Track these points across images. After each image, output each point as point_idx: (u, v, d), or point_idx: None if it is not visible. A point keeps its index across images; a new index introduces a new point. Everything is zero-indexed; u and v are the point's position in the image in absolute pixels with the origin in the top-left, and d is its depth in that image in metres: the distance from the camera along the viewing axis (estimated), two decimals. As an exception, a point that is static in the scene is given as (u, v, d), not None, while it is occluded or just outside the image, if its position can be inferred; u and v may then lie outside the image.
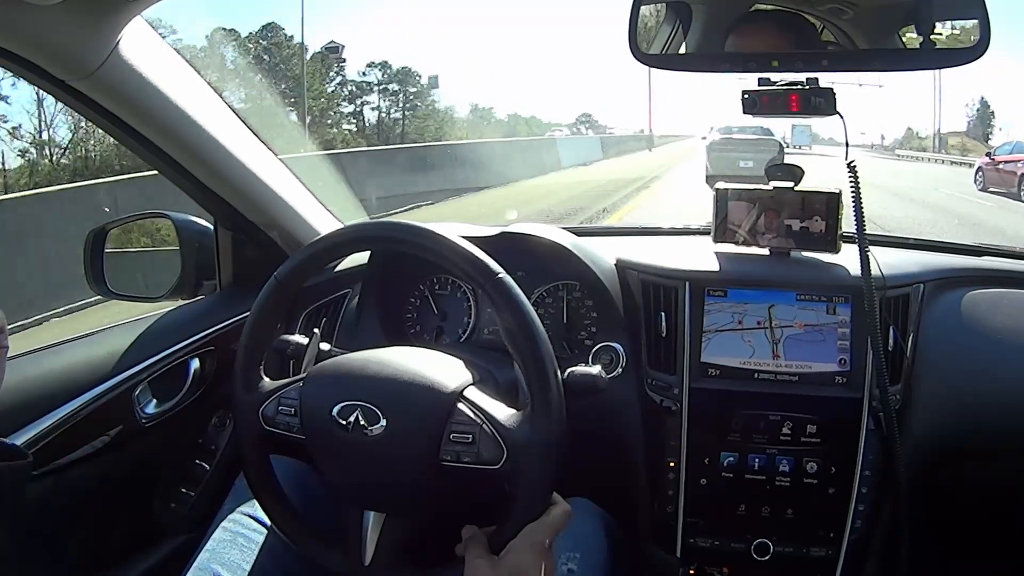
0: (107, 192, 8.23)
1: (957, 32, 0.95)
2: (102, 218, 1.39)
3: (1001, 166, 13.59)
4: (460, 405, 0.86)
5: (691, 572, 1.23)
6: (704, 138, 16.96)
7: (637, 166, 19.99)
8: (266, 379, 0.96)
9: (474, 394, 0.88)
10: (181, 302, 1.35)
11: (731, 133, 14.03)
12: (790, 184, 1.23)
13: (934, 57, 0.95)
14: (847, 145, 1.12)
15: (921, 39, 0.95)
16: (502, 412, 0.86)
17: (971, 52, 0.91)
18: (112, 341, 1.18)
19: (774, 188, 1.24)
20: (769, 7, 1.02)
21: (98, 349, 1.16)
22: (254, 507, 1.04)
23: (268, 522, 1.02)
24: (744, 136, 13.74)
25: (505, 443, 0.84)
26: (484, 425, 0.85)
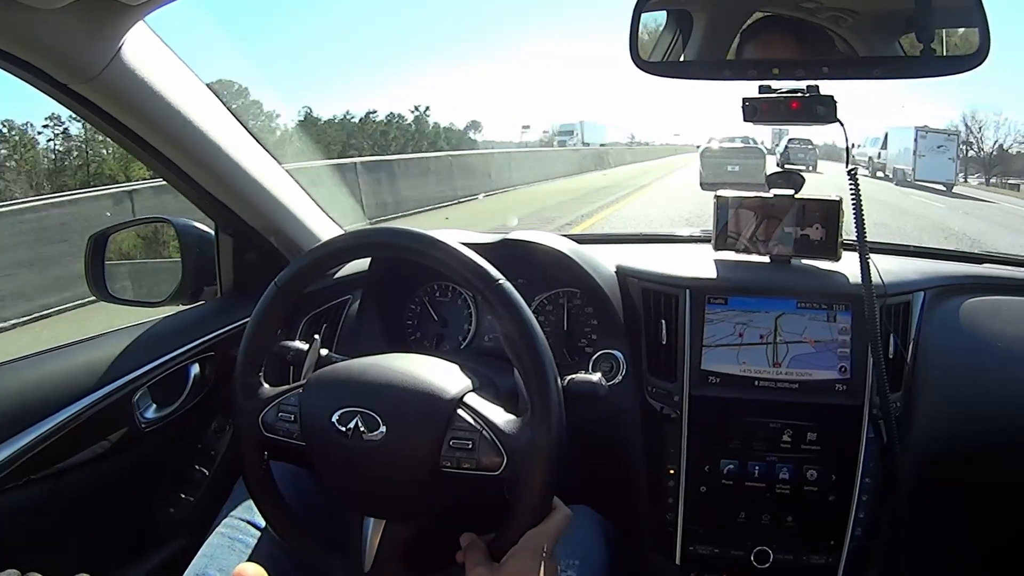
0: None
1: (957, 40, 0.96)
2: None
3: None
4: (460, 411, 0.86)
5: None
6: (698, 147, 18.80)
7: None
8: (266, 385, 0.96)
9: (474, 400, 0.88)
10: (182, 307, 1.35)
11: (720, 143, 16.76)
12: (790, 192, 1.23)
13: (935, 65, 0.95)
14: (848, 153, 1.12)
15: (921, 47, 0.96)
16: (502, 418, 0.86)
17: (972, 59, 0.92)
18: (112, 345, 1.18)
19: (774, 196, 1.24)
20: (770, 15, 1.02)
21: (98, 353, 1.15)
22: (252, 512, 1.04)
23: (265, 527, 1.02)
24: (731, 146, 16.48)
25: (505, 449, 0.84)
26: (484, 431, 0.85)
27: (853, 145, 1.16)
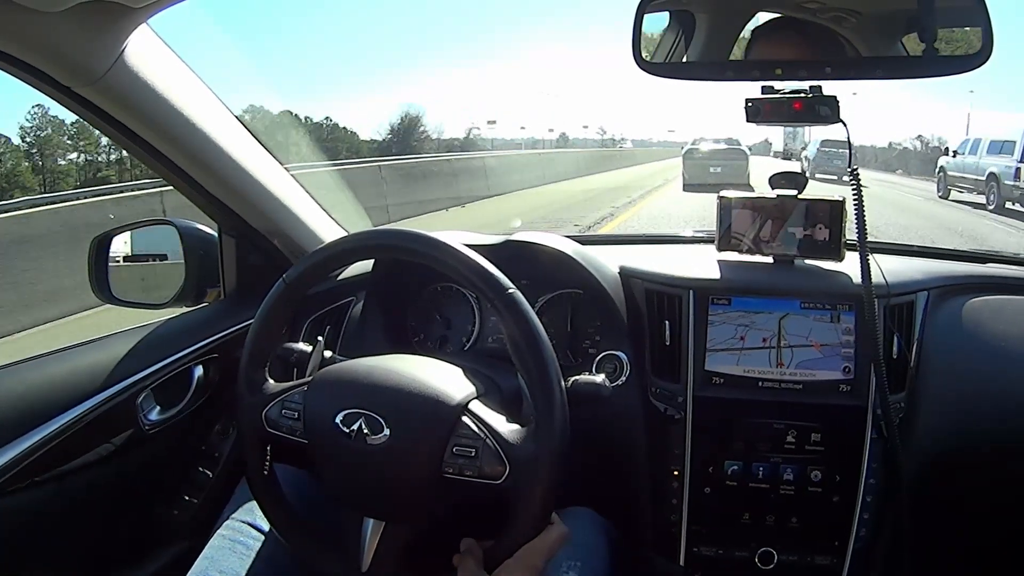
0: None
1: (960, 39, 0.95)
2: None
3: None
4: (464, 418, 0.86)
5: None
6: (682, 147, 18.53)
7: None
8: (271, 381, 0.96)
9: (479, 408, 0.88)
10: (185, 309, 1.35)
11: (703, 144, 16.69)
12: (793, 192, 1.23)
13: (937, 65, 0.95)
14: (850, 152, 1.12)
15: (924, 46, 0.95)
16: (506, 427, 0.86)
17: (974, 59, 0.92)
18: (116, 347, 1.18)
19: (778, 196, 1.24)
20: (773, 16, 1.02)
21: (102, 355, 1.16)
22: (253, 514, 1.04)
23: (267, 529, 1.02)
24: (715, 147, 16.39)
25: (508, 459, 0.84)
26: (488, 440, 0.85)
27: (951, 152, 1.14)
